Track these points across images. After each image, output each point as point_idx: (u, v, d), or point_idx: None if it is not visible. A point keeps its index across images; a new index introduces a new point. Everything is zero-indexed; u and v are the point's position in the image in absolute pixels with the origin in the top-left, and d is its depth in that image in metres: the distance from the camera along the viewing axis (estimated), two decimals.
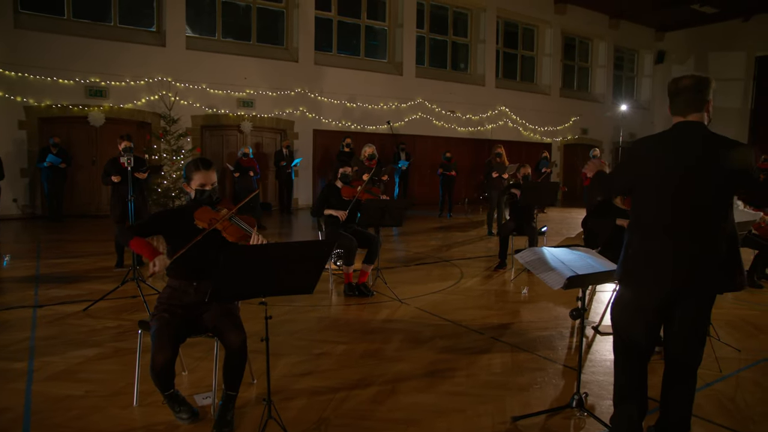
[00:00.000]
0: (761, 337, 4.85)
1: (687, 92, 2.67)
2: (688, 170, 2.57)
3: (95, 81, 12.48)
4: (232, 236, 3.20)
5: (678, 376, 2.78)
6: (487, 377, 3.85)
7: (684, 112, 2.67)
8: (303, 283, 2.65)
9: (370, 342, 4.57)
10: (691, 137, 2.62)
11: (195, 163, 3.32)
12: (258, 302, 2.86)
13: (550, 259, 3.03)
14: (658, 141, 2.67)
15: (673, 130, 2.68)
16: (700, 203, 2.60)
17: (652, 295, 2.66)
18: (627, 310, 2.77)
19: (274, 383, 3.70)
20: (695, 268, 2.60)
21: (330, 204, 6.14)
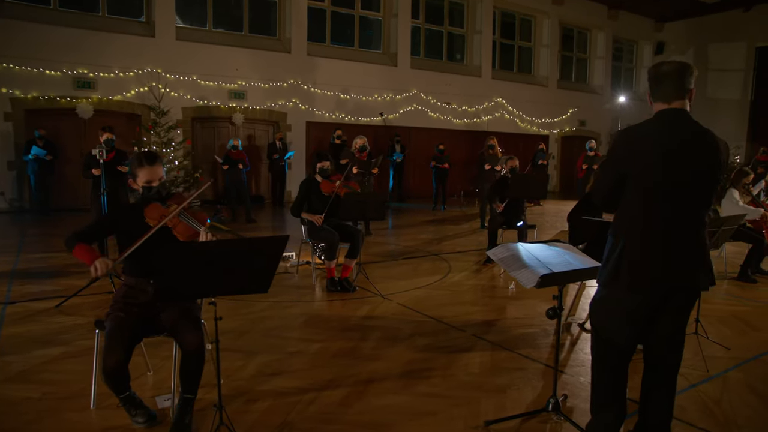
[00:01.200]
0: (752, 334, 4.69)
1: (670, 78, 2.50)
2: (679, 161, 2.41)
3: (83, 72, 12.29)
4: (181, 234, 3.06)
5: (659, 380, 2.63)
6: (464, 378, 3.70)
7: (669, 99, 2.49)
8: (256, 281, 2.49)
9: (347, 340, 4.42)
10: (679, 126, 2.45)
11: (138, 159, 3.15)
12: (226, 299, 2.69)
13: (525, 255, 2.87)
14: (646, 131, 2.47)
15: (659, 118, 2.49)
16: (691, 195, 2.45)
17: (645, 296, 2.49)
18: (613, 313, 2.55)
19: (241, 384, 3.57)
20: (687, 265, 2.46)
21: (310, 201, 5.98)
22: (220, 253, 2.35)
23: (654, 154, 2.40)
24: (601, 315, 2.60)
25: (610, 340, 2.56)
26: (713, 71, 20.19)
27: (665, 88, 2.49)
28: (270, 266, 2.47)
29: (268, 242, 2.42)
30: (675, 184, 2.41)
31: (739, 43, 19.36)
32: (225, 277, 2.39)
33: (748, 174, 6.71)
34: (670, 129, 2.43)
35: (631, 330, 2.53)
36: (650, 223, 2.44)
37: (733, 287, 6.39)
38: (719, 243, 4.26)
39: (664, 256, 2.43)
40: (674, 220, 2.44)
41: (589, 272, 2.90)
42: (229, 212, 11.20)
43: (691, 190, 2.43)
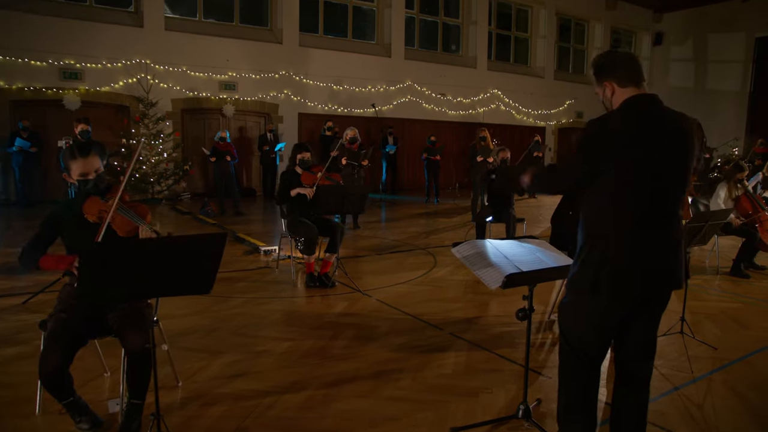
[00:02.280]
0: (742, 333, 4.52)
1: (633, 60, 2.32)
2: (663, 153, 2.20)
3: (70, 63, 12.06)
4: (120, 228, 2.88)
5: (631, 391, 2.44)
6: (435, 380, 3.53)
7: (638, 82, 2.29)
8: (195, 282, 2.31)
9: (318, 338, 4.25)
10: (657, 112, 2.25)
11: (70, 151, 2.96)
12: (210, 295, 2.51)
13: (492, 253, 2.69)
14: (626, 119, 2.22)
15: (637, 105, 2.25)
16: (672, 189, 2.26)
17: (625, 303, 2.28)
18: (588, 320, 2.31)
19: (199, 386, 3.40)
20: (670, 266, 2.27)
21: None
22: (152, 253, 2.17)
23: (641, 147, 2.17)
24: (573, 322, 2.38)
25: (581, 348, 2.35)
26: (712, 62, 19.91)
27: (633, 71, 2.30)
28: (210, 266, 2.28)
29: (205, 241, 2.24)
30: (660, 179, 2.21)
31: (739, 34, 19.06)
32: (159, 278, 2.20)
33: (744, 170, 6.52)
34: (651, 117, 2.23)
35: (606, 337, 2.35)
36: (637, 223, 2.21)
37: (725, 282, 6.21)
38: (706, 238, 4.09)
39: (651, 260, 2.23)
40: (659, 217, 2.25)
41: (562, 271, 2.71)
42: (217, 205, 11.01)
43: (672, 183, 2.24)
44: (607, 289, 2.20)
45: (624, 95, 2.29)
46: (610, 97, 2.33)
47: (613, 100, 2.31)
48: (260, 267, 6.54)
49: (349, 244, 8.16)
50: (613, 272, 2.19)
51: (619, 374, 2.47)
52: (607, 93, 2.32)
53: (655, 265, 2.22)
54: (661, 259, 2.23)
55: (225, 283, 5.83)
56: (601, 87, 2.35)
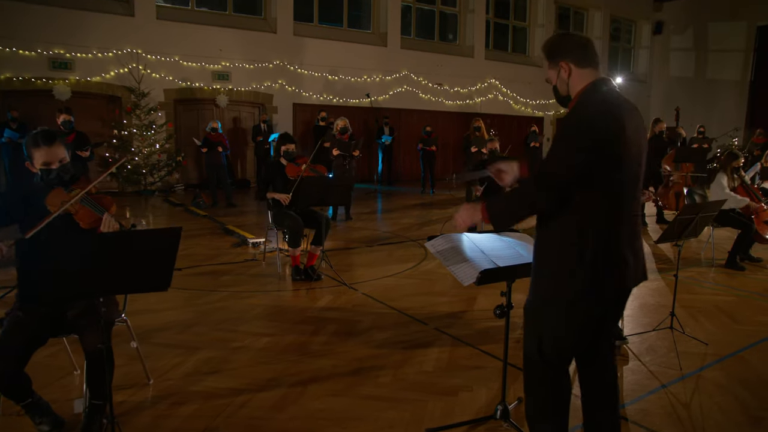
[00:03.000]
0: (734, 327, 4.40)
1: (588, 41, 2.20)
2: (638, 143, 2.08)
3: (59, 52, 11.89)
4: (83, 220, 2.76)
5: (604, 396, 2.32)
6: (415, 377, 3.42)
7: (596, 64, 2.15)
8: (151, 279, 2.19)
9: (299, 333, 4.14)
10: (620, 96, 2.13)
11: (33, 139, 2.82)
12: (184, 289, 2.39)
13: (468, 247, 2.57)
14: (607, 106, 2.03)
15: (606, 89, 2.09)
16: (640, 183, 2.15)
17: (607, 303, 2.14)
18: (570, 326, 2.15)
19: (171, 384, 3.29)
20: (642, 261, 2.17)
21: (275, 184, 5.69)
22: (102, 249, 2.05)
23: (625, 134, 2.00)
24: (550, 326, 2.19)
25: (557, 353, 2.21)
26: (713, 51, 19.69)
27: (590, 52, 2.15)
28: (165, 261, 2.17)
29: (157, 236, 2.12)
30: (637, 171, 2.09)
31: (740, 22, 18.81)
32: (110, 275, 2.08)
33: (738, 157, 6.37)
34: (622, 104, 2.10)
35: (585, 340, 2.21)
36: (617, 219, 2.06)
37: (720, 275, 6.09)
38: (698, 231, 3.96)
39: (634, 259, 2.11)
40: (632, 212, 2.13)
41: None
42: (209, 197, 10.89)
43: (640, 177, 2.13)
44: (590, 291, 2.06)
45: (584, 77, 2.13)
46: (566, 79, 2.15)
47: (571, 82, 2.15)
48: (247, 260, 6.42)
49: (340, 235, 8.05)
50: (603, 276, 2.05)
51: (593, 382, 2.33)
52: (563, 75, 2.15)
53: (633, 262, 2.10)
54: (637, 255, 2.11)
55: (209, 277, 5.72)
56: (556, 69, 2.17)
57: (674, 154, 8.50)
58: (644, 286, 5.53)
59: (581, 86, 2.14)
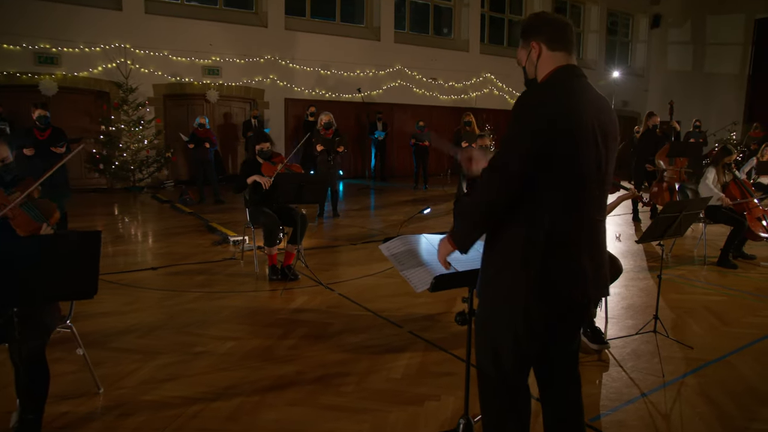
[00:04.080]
0: (722, 330, 4.22)
1: (566, 23, 1.99)
2: (603, 136, 1.88)
3: (45, 47, 11.70)
4: (20, 227, 2.58)
5: (567, 414, 2.13)
6: (381, 385, 3.24)
7: (569, 48, 1.95)
8: (73, 285, 2.01)
9: (266, 337, 3.96)
10: (590, 88, 1.94)
11: None
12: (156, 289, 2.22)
13: (425, 250, 2.39)
14: (567, 95, 1.85)
15: (571, 76, 1.91)
16: (605, 180, 1.96)
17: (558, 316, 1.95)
18: (518, 337, 1.94)
19: (123, 393, 3.11)
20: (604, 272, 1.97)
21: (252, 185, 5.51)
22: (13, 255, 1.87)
23: (584, 126, 1.81)
24: (502, 332, 1.99)
25: (508, 362, 2.01)
26: (711, 45, 19.44)
27: (565, 34, 1.95)
28: (88, 266, 1.99)
29: (76, 240, 1.94)
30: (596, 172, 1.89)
31: (738, 15, 18.56)
32: (26, 284, 1.91)
33: (731, 153, 6.18)
34: (587, 92, 1.90)
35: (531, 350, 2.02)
36: (581, 228, 1.87)
37: (712, 273, 5.91)
38: (682, 230, 3.77)
39: (594, 271, 1.91)
40: (598, 218, 1.94)
41: None
42: (196, 193, 10.71)
43: (607, 172, 1.94)
44: (538, 300, 1.87)
45: (553, 61, 1.94)
46: (535, 60, 1.97)
47: (539, 64, 1.96)
48: (226, 258, 6.25)
49: (325, 233, 7.88)
50: (544, 280, 1.86)
51: (555, 403, 2.15)
52: (533, 55, 1.96)
53: (592, 273, 1.90)
54: (598, 266, 1.92)
55: (184, 276, 5.55)
56: (527, 48, 1.99)
57: (668, 148, 8.30)
58: (632, 285, 5.35)
59: (548, 70, 1.95)
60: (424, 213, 6.83)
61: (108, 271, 5.63)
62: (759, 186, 9.12)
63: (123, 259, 6.20)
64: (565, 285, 1.86)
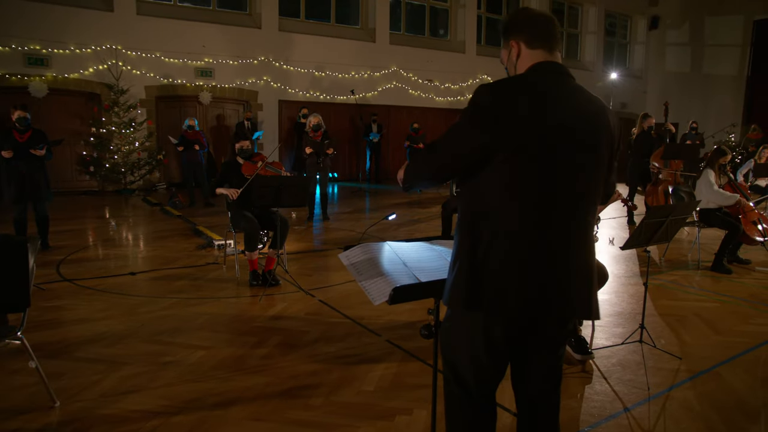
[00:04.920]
0: (712, 339, 4.06)
1: (547, 20, 1.85)
2: (575, 135, 1.71)
3: (35, 48, 11.58)
4: None
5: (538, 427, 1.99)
6: (352, 398, 3.09)
7: (550, 46, 1.81)
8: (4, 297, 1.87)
9: (239, 346, 3.82)
10: (571, 87, 1.77)
11: None
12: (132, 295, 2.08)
13: (387, 259, 2.24)
14: (531, 89, 1.70)
15: (545, 72, 1.77)
16: (582, 185, 1.78)
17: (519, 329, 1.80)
18: (476, 349, 1.82)
19: (81, 406, 2.97)
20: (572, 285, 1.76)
21: (231, 183, 5.38)
22: None
23: (546, 124, 1.66)
24: (461, 343, 1.87)
25: (469, 376, 1.88)
26: (709, 46, 19.29)
27: (545, 31, 1.81)
28: (17, 277, 1.85)
29: None
30: (567, 168, 1.73)
31: (736, 17, 18.41)
32: None
33: (725, 154, 6.03)
34: (561, 89, 1.74)
35: (492, 362, 1.87)
36: (529, 221, 1.71)
37: (705, 279, 5.76)
38: (669, 235, 3.62)
39: (566, 279, 1.74)
40: (561, 219, 1.76)
41: None
42: (186, 196, 10.58)
43: (584, 178, 1.76)
44: (486, 300, 1.71)
45: (530, 59, 1.80)
46: (515, 60, 1.84)
47: (518, 63, 1.83)
48: (209, 263, 6.11)
49: (312, 237, 7.74)
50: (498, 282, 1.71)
51: (520, 411, 2.02)
52: (512, 54, 1.83)
53: (565, 282, 1.74)
54: (570, 275, 1.75)
55: (163, 282, 5.41)
56: (507, 47, 1.86)
57: (663, 150, 8.16)
58: (623, 291, 5.21)
59: (523, 69, 1.82)
60: (389, 219, 6.70)
61: (86, 276, 5.50)
62: (756, 188, 8.99)
63: (103, 264, 6.06)
64: (523, 295, 1.71)
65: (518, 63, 1.83)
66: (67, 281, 5.36)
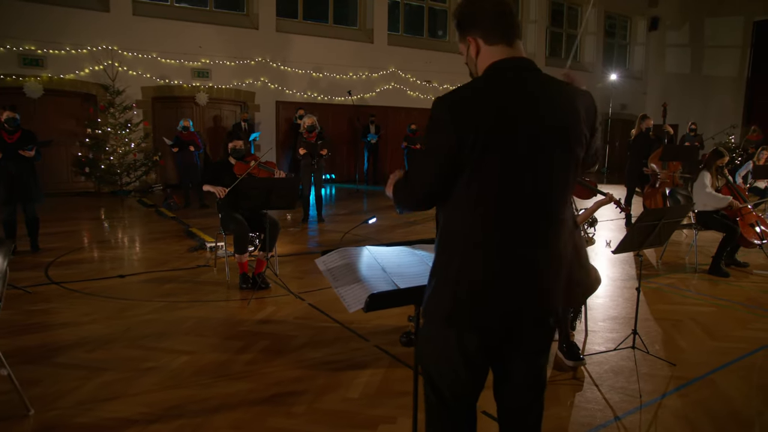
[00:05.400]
0: (709, 344, 3.98)
1: (502, 8, 1.71)
2: (539, 139, 1.63)
3: (30, 49, 11.52)
4: None
5: None
6: (336, 405, 3.02)
7: (509, 38, 1.70)
8: None
9: (223, 351, 3.74)
10: (532, 82, 1.69)
11: None
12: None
13: (366, 265, 2.17)
14: (487, 93, 1.62)
15: (501, 71, 1.67)
16: (556, 183, 1.70)
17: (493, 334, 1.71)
18: (449, 358, 1.74)
19: (57, 414, 2.89)
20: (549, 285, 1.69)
21: (223, 184, 5.30)
22: None
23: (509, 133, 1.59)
24: (437, 352, 1.78)
25: (445, 387, 1.80)
26: (709, 47, 19.20)
27: (502, 22, 1.69)
28: None
29: None
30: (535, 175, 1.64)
31: (737, 18, 18.32)
32: None
33: (723, 156, 5.95)
34: (523, 91, 1.65)
35: (480, 375, 1.80)
36: (500, 227, 1.63)
37: (702, 282, 5.68)
38: (663, 239, 3.54)
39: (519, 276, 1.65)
40: (534, 221, 1.67)
41: None
42: (180, 198, 10.51)
43: (560, 175, 1.68)
44: (463, 315, 1.64)
45: (490, 56, 1.70)
46: (474, 58, 1.74)
47: (479, 62, 1.73)
48: (199, 266, 6.04)
49: (306, 239, 7.68)
50: (471, 294, 1.63)
51: (501, 422, 1.94)
52: (471, 51, 1.74)
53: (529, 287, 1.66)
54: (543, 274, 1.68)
55: (153, 284, 5.34)
56: (465, 43, 1.76)
57: (661, 152, 8.08)
58: (618, 295, 5.13)
59: (484, 67, 1.72)
60: (369, 223, 6.63)
61: (74, 279, 5.43)
62: (755, 190, 8.91)
63: (93, 266, 5.99)
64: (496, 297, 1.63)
65: (479, 61, 1.73)
66: (55, 284, 5.28)
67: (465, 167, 1.60)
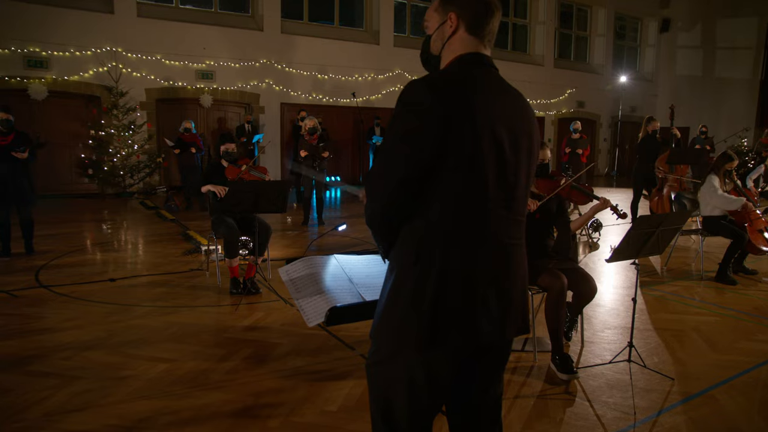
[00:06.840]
0: (710, 357, 3.80)
1: (493, 8, 1.63)
2: (508, 141, 1.53)
3: (35, 50, 11.52)
4: None
5: None
6: (313, 418, 2.88)
7: (484, 37, 1.61)
8: None
9: (205, 359, 3.62)
10: (500, 84, 1.58)
11: None
12: None
13: (331, 275, 2.03)
14: (465, 87, 1.50)
15: (472, 65, 1.58)
16: (521, 189, 1.59)
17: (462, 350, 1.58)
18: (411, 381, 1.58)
19: (22, 426, 2.78)
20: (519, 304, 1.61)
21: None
22: None
23: (480, 129, 1.47)
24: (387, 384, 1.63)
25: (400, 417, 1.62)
26: (721, 49, 18.90)
27: (489, 20, 1.61)
28: None
29: None
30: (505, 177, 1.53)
31: (749, 18, 18.01)
32: None
33: (732, 159, 5.75)
34: (493, 87, 1.55)
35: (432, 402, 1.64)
36: (478, 239, 1.51)
37: (708, 290, 5.48)
38: (661, 247, 3.37)
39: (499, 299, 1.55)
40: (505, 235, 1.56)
41: None
42: (181, 200, 10.44)
43: (523, 186, 1.58)
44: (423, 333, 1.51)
45: (462, 45, 1.60)
46: (446, 37, 1.62)
47: (450, 42, 1.62)
48: (192, 269, 5.93)
49: (304, 242, 7.55)
50: (448, 315, 1.50)
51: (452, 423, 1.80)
52: (446, 29, 1.62)
53: (498, 302, 1.54)
54: (504, 294, 1.55)
55: (142, 289, 5.25)
56: (443, 16, 1.63)
57: (668, 155, 7.88)
58: (619, 305, 4.95)
59: (454, 55, 1.61)
60: (339, 230, 6.49)
61: (64, 283, 5.34)
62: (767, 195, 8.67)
63: (85, 269, 5.90)
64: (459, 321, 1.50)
65: (450, 42, 1.62)
66: (43, 287, 5.20)
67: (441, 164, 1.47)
